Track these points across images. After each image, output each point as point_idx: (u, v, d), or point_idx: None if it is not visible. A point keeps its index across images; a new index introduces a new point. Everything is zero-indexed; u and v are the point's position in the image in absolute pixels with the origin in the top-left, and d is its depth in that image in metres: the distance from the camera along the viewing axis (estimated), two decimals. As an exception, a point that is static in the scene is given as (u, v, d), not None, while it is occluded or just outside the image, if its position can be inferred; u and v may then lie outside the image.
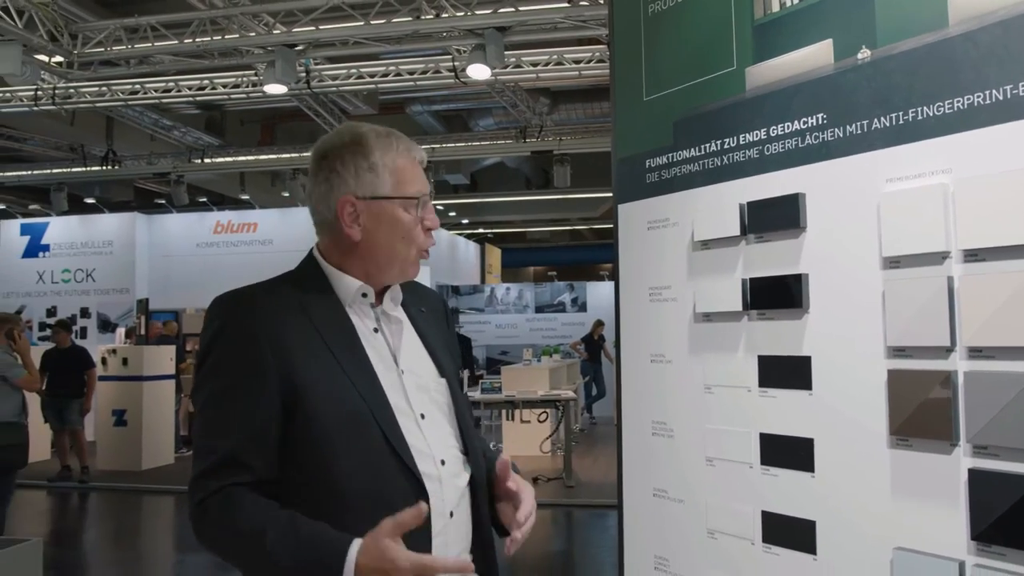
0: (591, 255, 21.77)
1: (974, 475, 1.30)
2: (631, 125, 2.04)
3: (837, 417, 1.52)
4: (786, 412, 1.62)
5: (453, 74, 8.87)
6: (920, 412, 1.36)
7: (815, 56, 1.59)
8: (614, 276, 2.09)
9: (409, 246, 1.42)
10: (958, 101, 1.35)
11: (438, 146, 12.03)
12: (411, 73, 9.34)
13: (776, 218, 1.64)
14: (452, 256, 17.26)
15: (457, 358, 1.60)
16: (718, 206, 1.76)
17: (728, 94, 1.76)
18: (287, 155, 13.07)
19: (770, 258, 1.66)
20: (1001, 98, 1.29)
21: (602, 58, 8.61)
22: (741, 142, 1.73)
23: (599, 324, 14.00)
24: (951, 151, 1.36)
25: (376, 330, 1.43)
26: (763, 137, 1.68)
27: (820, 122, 1.57)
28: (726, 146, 1.77)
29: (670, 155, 1.91)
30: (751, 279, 1.69)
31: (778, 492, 1.62)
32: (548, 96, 12.14)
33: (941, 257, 1.35)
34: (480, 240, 19.80)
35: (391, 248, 1.41)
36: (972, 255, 1.32)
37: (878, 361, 1.44)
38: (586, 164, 12.35)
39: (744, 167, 1.72)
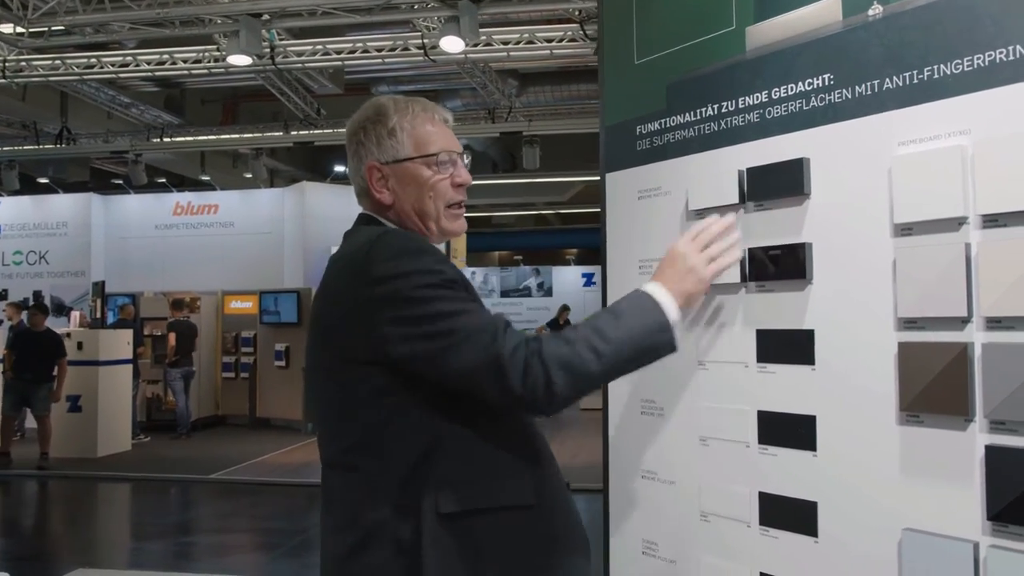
0: (557, 240, 21.68)
1: (991, 452, 1.23)
2: (621, 90, 1.94)
3: (842, 393, 1.44)
4: (786, 389, 1.54)
5: (422, 51, 8.70)
6: (933, 386, 1.29)
7: (822, 13, 1.50)
8: (600, 249, 2.00)
9: (437, 201, 1.48)
10: (978, 57, 1.27)
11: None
12: (379, 50, 9.14)
13: (778, 184, 1.55)
14: (417, 240, 17.01)
15: None
16: (715, 173, 1.67)
17: (727, 55, 1.67)
18: (249, 135, 12.78)
19: (771, 227, 1.58)
20: (1025, 53, 1.22)
21: (575, 37, 8.49)
22: (740, 106, 1.64)
23: (565, 309, 13.95)
24: (970, 111, 1.28)
25: None
26: (764, 100, 1.60)
27: (826, 83, 1.48)
28: (724, 110, 1.68)
29: (663, 120, 1.81)
30: (750, 249, 1.61)
31: (777, 472, 1.55)
32: (516, 78, 12.01)
33: (958, 223, 1.28)
34: (446, 224, 19.62)
35: (421, 205, 1.48)
36: (991, 220, 1.25)
37: (888, 334, 1.37)
38: (554, 147, 12.26)
39: (743, 132, 1.63)
